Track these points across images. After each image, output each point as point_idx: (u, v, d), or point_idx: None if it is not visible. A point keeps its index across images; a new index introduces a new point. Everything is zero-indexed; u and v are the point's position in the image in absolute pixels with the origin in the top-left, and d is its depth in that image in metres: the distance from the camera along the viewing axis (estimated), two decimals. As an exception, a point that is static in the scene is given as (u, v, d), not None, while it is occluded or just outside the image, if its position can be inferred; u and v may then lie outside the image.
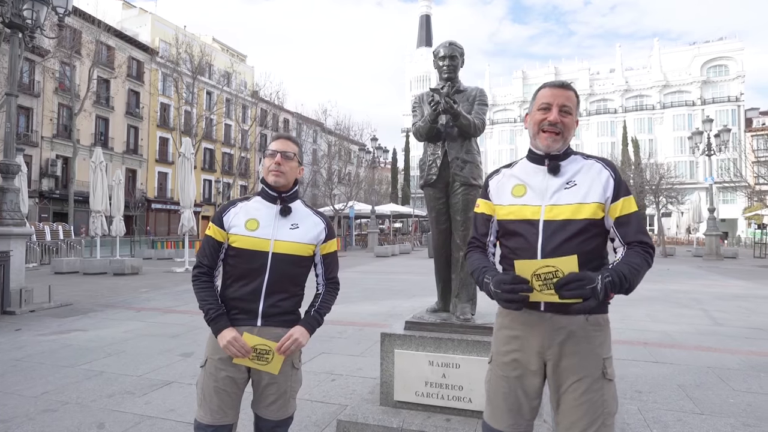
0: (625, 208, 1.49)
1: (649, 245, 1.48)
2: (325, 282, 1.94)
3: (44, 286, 8.35)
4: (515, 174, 1.62)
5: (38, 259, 16.58)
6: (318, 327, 1.88)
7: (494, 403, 1.57)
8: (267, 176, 1.83)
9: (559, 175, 1.52)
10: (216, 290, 1.80)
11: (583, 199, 1.47)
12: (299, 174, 1.89)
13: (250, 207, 1.83)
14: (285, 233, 1.80)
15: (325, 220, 1.94)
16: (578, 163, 1.55)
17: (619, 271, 1.38)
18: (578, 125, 1.61)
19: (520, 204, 1.53)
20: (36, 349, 4.99)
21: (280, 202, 1.84)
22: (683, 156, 53.15)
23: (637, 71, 64.13)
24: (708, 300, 8.46)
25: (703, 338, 5.49)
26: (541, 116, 1.53)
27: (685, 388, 3.77)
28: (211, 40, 46.66)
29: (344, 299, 8.48)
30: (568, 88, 1.54)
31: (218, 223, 1.80)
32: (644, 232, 1.50)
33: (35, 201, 27.92)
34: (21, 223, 7.75)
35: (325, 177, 29.08)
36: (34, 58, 27.57)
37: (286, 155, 1.81)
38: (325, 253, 1.92)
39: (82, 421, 3.11)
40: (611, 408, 1.48)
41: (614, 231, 1.51)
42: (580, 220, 1.46)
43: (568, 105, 1.52)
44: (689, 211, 29.30)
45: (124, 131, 35.64)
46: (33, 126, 29.14)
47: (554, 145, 1.52)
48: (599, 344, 1.50)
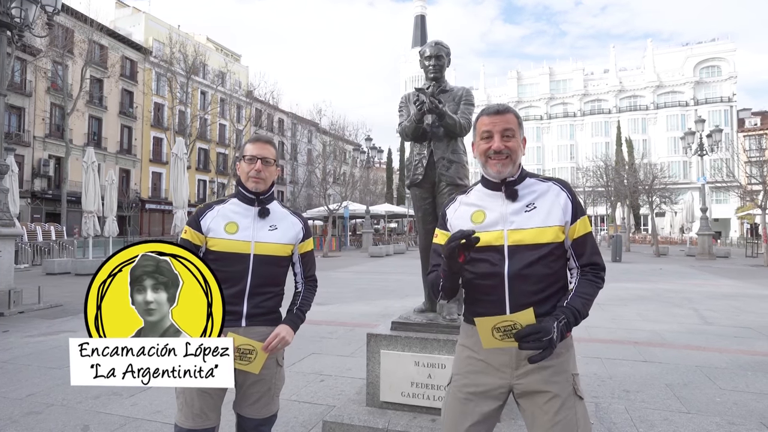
0: (580, 229, 1.52)
1: (600, 267, 1.53)
2: (304, 280, 1.96)
3: (35, 287, 8.27)
4: (472, 201, 1.60)
5: (30, 260, 16.46)
6: (301, 324, 1.88)
7: (448, 427, 1.52)
8: (246, 182, 1.81)
9: (517, 200, 1.52)
10: None
11: (545, 223, 1.48)
12: (276, 175, 1.89)
13: (228, 210, 1.82)
14: (264, 235, 1.80)
15: (302, 219, 1.95)
16: (535, 186, 1.55)
17: (573, 308, 1.42)
18: (526, 144, 1.60)
19: (482, 231, 1.49)
20: (23, 351, 4.95)
21: (258, 204, 1.84)
22: (677, 156, 53.47)
23: (631, 72, 64.48)
24: (699, 299, 8.51)
25: (693, 337, 5.52)
26: (486, 145, 1.52)
27: (672, 387, 3.78)
28: (205, 40, 46.49)
29: (337, 299, 8.48)
30: (505, 111, 1.54)
31: (195, 227, 1.79)
32: (597, 253, 1.54)
33: (27, 201, 27.69)
34: (10, 224, 7.68)
35: (320, 177, 28.98)
36: (25, 57, 27.33)
37: (266, 161, 1.81)
38: (303, 252, 1.94)
39: (66, 423, 3.08)
40: (584, 428, 1.45)
41: (571, 252, 1.53)
42: (544, 244, 1.47)
43: (510, 128, 1.51)
44: (683, 210, 29.45)
45: (118, 131, 35.41)
46: (25, 126, 28.90)
47: (505, 170, 1.51)
48: (566, 360, 1.50)
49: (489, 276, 1.49)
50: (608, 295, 8.97)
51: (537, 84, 68.50)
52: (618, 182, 30.53)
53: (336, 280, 12.12)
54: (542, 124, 66.90)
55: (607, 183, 32.68)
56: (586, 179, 39.04)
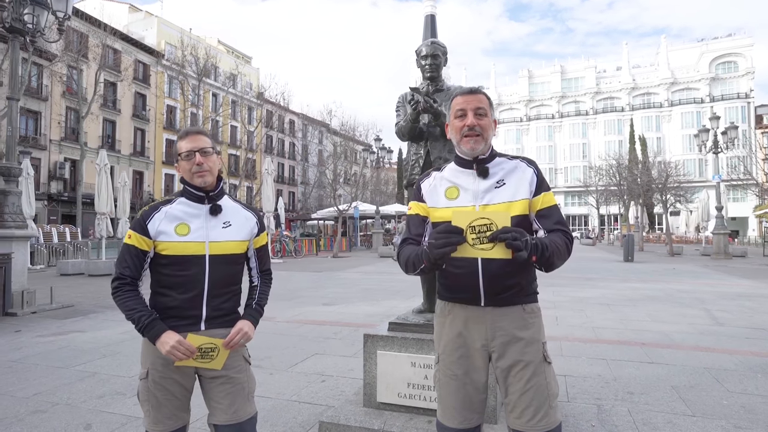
0: (545, 202, 1.60)
1: (567, 233, 1.58)
2: (260, 274, 1.89)
3: (48, 287, 8.42)
4: (446, 177, 1.68)
5: (45, 261, 16.78)
6: (260, 318, 1.83)
7: (445, 402, 1.63)
8: (192, 180, 1.71)
9: (488, 177, 1.61)
10: (142, 298, 1.68)
11: (513, 197, 1.57)
12: (219, 165, 1.79)
13: (176, 210, 1.71)
14: (218, 233, 1.71)
15: (256, 213, 1.87)
16: (504, 165, 1.64)
17: (542, 240, 1.48)
18: (496, 125, 1.71)
19: (456, 206, 1.59)
20: (33, 351, 5.04)
21: (208, 201, 1.74)
22: (692, 154, 52.62)
23: (645, 69, 63.62)
24: (711, 299, 8.35)
25: (702, 338, 5.42)
26: (460, 123, 1.61)
27: (678, 389, 3.71)
28: (216, 42, 46.93)
29: (342, 300, 8.50)
30: (478, 92, 1.64)
31: (141, 231, 1.66)
32: (563, 223, 1.60)
33: (44, 203, 28.24)
34: (23, 226, 7.83)
35: (330, 178, 29.08)
36: (41, 62, 27.87)
37: (204, 152, 1.70)
38: (258, 246, 1.87)
39: (69, 422, 3.12)
40: (554, 390, 1.58)
41: (536, 223, 1.61)
42: (512, 217, 1.53)
43: (482, 107, 1.61)
44: (698, 209, 28.96)
45: (131, 134, 35.94)
46: (41, 129, 29.48)
47: (477, 147, 1.59)
48: (537, 330, 1.60)
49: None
50: (617, 295, 8.86)
51: (548, 82, 67.94)
52: (631, 181, 30.12)
53: (343, 280, 12.14)
54: (554, 122, 66.32)
55: (620, 182, 32.27)
56: (599, 178, 38.60)
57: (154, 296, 1.72)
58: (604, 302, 8.05)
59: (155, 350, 1.63)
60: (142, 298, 1.69)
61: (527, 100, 68.04)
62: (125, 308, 1.64)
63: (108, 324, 6.40)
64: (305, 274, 13.63)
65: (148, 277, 1.76)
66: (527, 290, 1.60)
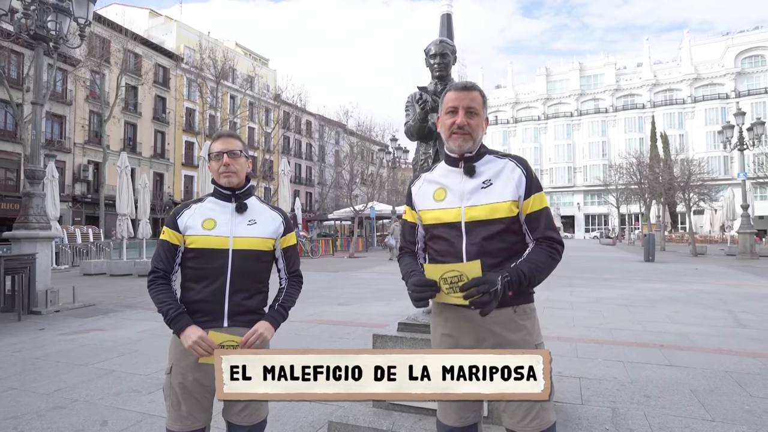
0: (535, 204, 1.56)
1: (555, 240, 1.55)
2: (288, 276, 1.92)
3: (71, 287, 8.65)
4: (434, 179, 1.67)
5: (70, 261, 17.24)
6: (283, 321, 1.83)
7: (442, 401, 1.64)
8: (219, 179, 1.80)
9: (475, 176, 1.58)
10: (174, 292, 1.77)
11: (499, 198, 1.54)
12: (248, 168, 1.87)
13: (205, 207, 1.81)
14: (243, 229, 1.77)
15: (283, 214, 1.92)
16: (492, 163, 1.61)
17: (519, 270, 1.47)
18: (488, 124, 1.68)
19: (442, 208, 1.59)
20: (55, 348, 5.18)
21: (235, 199, 1.81)
22: (716, 151, 51.22)
23: (666, 65, 62.21)
24: (735, 301, 8.12)
25: (725, 340, 5.26)
26: (450, 120, 1.58)
27: (697, 393, 3.61)
28: (233, 45, 47.57)
29: (357, 300, 8.51)
30: (472, 89, 1.59)
31: (172, 227, 1.77)
32: (552, 228, 1.57)
33: (68, 205, 29.02)
34: (47, 227, 8.05)
35: (347, 178, 29.18)
36: (66, 68, 28.63)
37: (232, 153, 1.78)
38: (285, 246, 1.90)
39: (87, 418, 3.20)
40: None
41: (525, 227, 1.58)
42: (498, 219, 1.53)
43: (474, 106, 1.57)
44: (723, 208, 28.18)
45: (152, 136, 36.66)
46: (66, 133, 30.29)
47: (465, 145, 1.57)
48: (529, 332, 1.58)
49: (449, 253, 1.57)
50: (636, 296, 8.67)
51: (567, 80, 66.94)
52: (652, 179, 29.47)
53: (358, 280, 12.17)
54: (573, 121, 65.33)
55: (641, 180, 31.60)
56: (619, 176, 37.88)
57: (183, 291, 1.79)
58: (622, 303, 7.90)
59: (181, 346, 1.68)
60: (174, 292, 1.77)
61: (545, 98, 67.14)
62: (157, 300, 1.72)
63: (126, 323, 6.54)
64: (321, 275, 13.71)
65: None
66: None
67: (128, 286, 10.96)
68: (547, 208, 1.58)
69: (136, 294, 9.53)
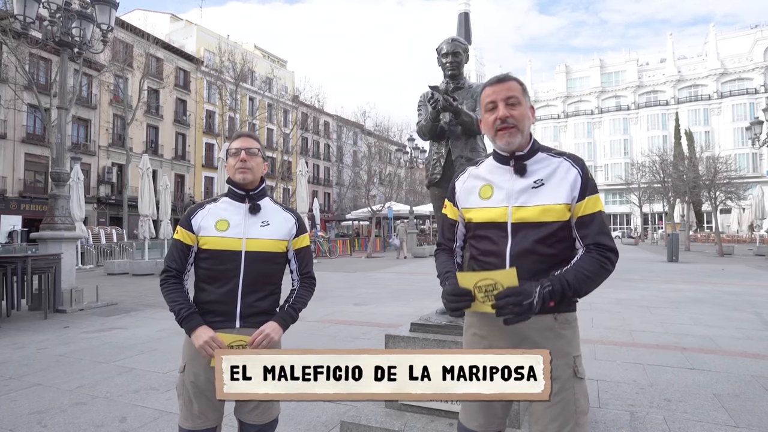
0: (588, 207, 1.44)
1: (608, 248, 1.42)
2: (300, 277, 1.92)
3: (95, 286, 8.88)
4: (481, 174, 1.57)
5: (94, 261, 17.70)
6: (292, 322, 1.83)
7: (469, 404, 1.58)
8: (234, 175, 1.80)
9: (526, 176, 1.47)
10: (186, 292, 1.78)
11: (551, 200, 1.43)
12: (264, 170, 1.87)
13: (219, 208, 1.81)
14: (256, 231, 1.78)
15: (296, 215, 1.92)
16: (546, 162, 1.50)
17: (563, 278, 1.36)
18: (534, 112, 1.55)
19: (488, 206, 1.49)
20: (79, 346, 5.32)
21: (249, 200, 1.82)
22: (744, 148, 49.65)
23: (691, 60, 60.62)
24: (763, 302, 7.85)
25: (751, 344, 5.10)
26: (491, 116, 1.48)
27: (721, 397, 3.51)
28: (252, 48, 48.12)
29: (374, 300, 8.52)
30: (506, 80, 1.49)
31: (186, 227, 1.78)
32: (605, 233, 1.44)
33: (93, 206, 29.77)
34: (71, 228, 8.28)
35: (365, 178, 29.25)
36: (91, 73, 29.40)
37: (250, 151, 1.80)
38: (297, 248, 1.90)
39: (107, 415, 3.28)
40: (583, 407, 1.46)
41: (575, 231, 1.46)
42: (549, 223, 1.43)
43: (513, 95, 1.46)
44: (751, 206, 27.31)
45: (173, 138, 37.36)
46: (91, 136, 31.09)
47: (513, 141, 1.46)
48: (568, 343, 1.47)
49: (492, 254, 1.48)
50: (658, 297, 8.47)
51: (587, 77, 65.86)
52: (676, 177, 28.75)
53: (376, 280, 12.17)
54: (593, 118, 64.23)
55: (664, 179, 30.86)
56: (641, 175, 37.08)
57: (196, 291, 1.81)
58: (643, 304, 7.72)
59: (193, 346, 1.69)
60: (186, 291, 1.78)
61: (565, 96, 66.18)
62: (169, 299, 1.74)
63: (147, 321, 6.67)
64: (338, 275, 13.77)
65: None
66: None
67: (149, 285, 11.18)
68: (601, 212, 1.45)
69: (156, 293, 9.70)
